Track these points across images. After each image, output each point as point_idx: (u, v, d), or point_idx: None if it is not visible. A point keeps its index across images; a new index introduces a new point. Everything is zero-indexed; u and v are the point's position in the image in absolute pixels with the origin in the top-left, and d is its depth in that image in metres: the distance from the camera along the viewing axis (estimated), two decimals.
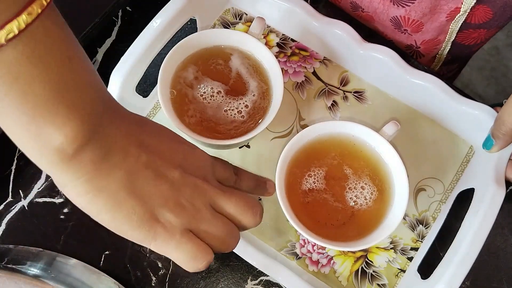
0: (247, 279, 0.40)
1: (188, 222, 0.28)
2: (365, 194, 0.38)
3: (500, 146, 0.38)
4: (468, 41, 0.49)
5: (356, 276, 0.39)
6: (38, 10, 0.22)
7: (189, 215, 0.29)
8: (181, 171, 0.29)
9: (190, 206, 0.29)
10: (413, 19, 0.46)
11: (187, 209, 0.29)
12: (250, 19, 0.46)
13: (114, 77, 0.39)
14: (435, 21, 0.47)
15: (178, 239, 0.28)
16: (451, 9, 0.44)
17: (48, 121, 0.23)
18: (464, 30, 0.47)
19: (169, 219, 0.28)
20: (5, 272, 0.38)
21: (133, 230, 0.27)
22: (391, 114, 0.44)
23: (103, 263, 0.40)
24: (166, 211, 0.28)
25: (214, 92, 0.39)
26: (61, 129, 0.23)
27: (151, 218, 0.27)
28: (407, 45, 0.51)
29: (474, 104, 0.40)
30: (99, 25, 0.43)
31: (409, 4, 0.45)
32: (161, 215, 0.28)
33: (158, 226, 0.28)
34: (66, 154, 0.24)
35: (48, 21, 0.22)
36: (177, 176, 0.29)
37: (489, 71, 1.17)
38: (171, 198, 0.28)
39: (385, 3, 0.46)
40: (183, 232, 0.28)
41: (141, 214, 0.27)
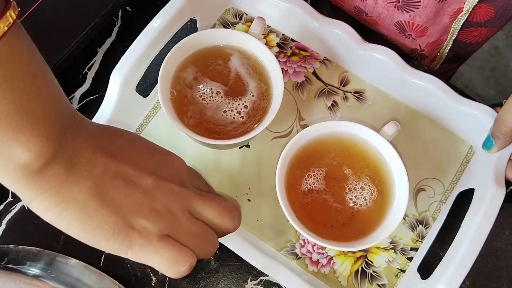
0: (247, 279, 0.40)
1: (165, 228, 0.28)
2: (365, 194, 0.38)
3: (499, 146, 0.38)
4: (469, 39, 0.49)
5: (356, 276, 0.39)
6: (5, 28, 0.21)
7: (165, 220, 0.28)
8: (155, 177, 0.29)
9: (166, 212, 0.28)
10: (418, 24, 0.46)
11: (163, 215, 0.28)
12: (250, 19, 0.46)
13: (114, 77, 0.39)
14: (438, 24, 0.47)
15: (155, 244, 0.27)
16: (454, 10, 0.44)
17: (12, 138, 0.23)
18: (466, 28, 0.47)
19: (144, 226, 0.27)
20: (5, 272, 0.38)
21: (107, 241, 0.27)
22: (391, 114, 0.44)
23: (103, 263, 0.40)
24: (140, 218, 0.27)
25: (213, 92, 0.39)
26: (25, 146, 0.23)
27: (125, 226, 0.27)
28: (411, 49, 0.51)
29: (474, 104, 0.40)
30: (99, 25, 0.43)
31: (413, 9, 0.45)
32: (136, 223, 0.27)
33: (133, 233, 0.27)
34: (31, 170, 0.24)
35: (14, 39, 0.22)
36: (151, 183, 0.28)
37: (489, 71, 1.17)
38: (145, 205, 0.28)
39: (390, 8, 0.46)
40: (161, 237, 0.28)
41: (114, 223, 0.26)
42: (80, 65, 0.45)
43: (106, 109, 0.39)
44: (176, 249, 0.28)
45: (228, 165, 0.42)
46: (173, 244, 0.28)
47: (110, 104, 0.39)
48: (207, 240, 0.30)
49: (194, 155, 0.42)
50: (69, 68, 0.43)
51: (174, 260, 0.28)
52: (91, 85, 0.45)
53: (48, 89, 0.24)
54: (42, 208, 0.25)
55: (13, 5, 0.22)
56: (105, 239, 0.27)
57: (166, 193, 0.29)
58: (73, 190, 0.26)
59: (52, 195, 0.25)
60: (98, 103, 0.40)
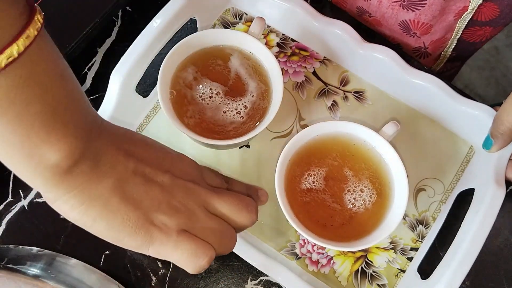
0: (247, 279, 0.40)
1: (183, 223, 0.28)
2: (364, 197, 0.38)
3: (499, 146, 0.38)
4: (473, 38, 0.49)
5: (356, 276, 0.39)
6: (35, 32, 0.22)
7: (183, 216, 0.28)
8: (171, 175, 0.29)
9: (184, 208, 0.29)
10: (423, 22, 0.46)
11: (180, 211, 0.29)
12: (250, 19, 0.46)
13: (114, 77, 0.39)
14: (443, 22, 0.47)
15: (175, 239, 0.28)
16: (459, 8, 0.44)
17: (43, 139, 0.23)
18: (470, 28, 0.47)
19: (164, 221, 0.28)
20: (5, 272, 0.38)
21: (130, 236, 0.27)
22: (391, 114, 0.44)
23: (103, 263, 0.40)
24: (160, 214, 0.28)
25: (213, 93, 0.39)
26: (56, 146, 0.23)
27: (146, 222, 0.27)
28: (415, 47, 0.51)
29: (474, 104, 0.40)
30: (99, 25, 0.43)
31: (419, 8, 0.45)
32: (155, 218, 0.28)
33: (154, 229, 0.27)
34: (60, 170, 0.24)
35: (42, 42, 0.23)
36: (167, 180, 0.29)
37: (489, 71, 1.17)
38: (163, 201, 0.28)
39: (394, 8, 0.46)
40: (180, 232, 0.28)
41: (135, 219, 0.27)
42: (80, 65, 0.45)
43: (106, 109, 0.39)
44: (195, 243, 0.28)
45: (228, 165, 0.42)
46: (192, 238, 0.28)
47: (110, 104, 0.39)
48: (226, 235, 0.30)
49: (194, 155, 0.42)
50: None
51: (194, 253, 0.28)
52: (91, 85, 0.45)
53: (74, 90, 0.25)
54: (68, 206, 0.26)
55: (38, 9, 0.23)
56: (128, 236, 0.27)
57: (182, 190, 0.29)
58: (98, 187, 0.26)
59: (78, 193, 0.25)
60: (98, 103, 0.40)
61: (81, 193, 0.25)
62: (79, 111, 0.25)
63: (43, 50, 0.23)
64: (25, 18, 0.22)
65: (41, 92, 0.22)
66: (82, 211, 0.26)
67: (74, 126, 0.24)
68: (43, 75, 0.23)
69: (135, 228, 0.27)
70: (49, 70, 0.23)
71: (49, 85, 0.23)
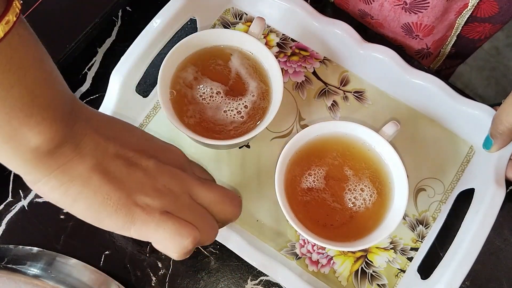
0: (247, 279, 0.40)
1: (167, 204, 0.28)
2: (364, 196, 0.38)
3: (499, 146, 0.38)
4: (472, 35, 0.49)
5: (356, 276, 0.39)
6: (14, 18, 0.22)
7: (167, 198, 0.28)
8: (156, 161, 0.29)
9: (167, 191, 0.28)
10: (426, 24, 0.46)
11: (164, 193, 0.28)
12: (250, 19, 0.46)
13: (114, 77, 0.39)
14: (445, 21, 0.47)
15: (158, 219, 0.27)
16: (460, 6, 0.44)
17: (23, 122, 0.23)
18: (470, 24, 0.47)
19: (147, 202, 0.27)
20: (5, 272, 0.38)
21: (110, 217, 0.27)
22: (391, 114, 0.44)
23: (103, 263, 0.40)
24: (142, 195, 0.27)
25: (213, 92, 0.39)
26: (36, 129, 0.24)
27: (127, 202, 0.27)
28: (418, 49, 0.51)
29: (474, 104, 0.40)
30: (99, 25, 0.43)
31: (422, 10, 0.45)
32: (138, 199, 0.27)
33: (136, 209, 0.27)
34: (41, 152, 0.24)
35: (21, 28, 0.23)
36: (152, 165, 0.29)
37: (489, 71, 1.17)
38: (147, 184, 0.28)
39: (397, 11, 0.46)
40: (162, 212, 0.28)
41: (117, 198, 0.27)
42: (80, 65, 0.45)
43: (106, 109, 0.39)
44: (178, 222, 0.28)
45: (228, 165, 0.42)
46: (175, 218, 0.28)
47: (110, 104, 0.39)
48: (208, 223, 0.30)
49: (194, 155, 0.42)
50: (69, 68, 0.43)
51: (177, 232, 0.27)
52: (91, 85, 0.45)
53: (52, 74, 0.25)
54: (48, 187, 0.26)
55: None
56: (108, 216, 0.27)
57: (167, 174, 0.29)
58: (78, 167, 0.26)
59: (59, 173, 0.26)
60: (98, 103, 0.40)
61: (61, 173, 0.26)
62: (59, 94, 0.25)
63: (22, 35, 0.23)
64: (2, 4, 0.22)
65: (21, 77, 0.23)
66: (62, 191, 0.26)
67: (54, 109, 0.24)
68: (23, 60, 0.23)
69: (115, 208, 0.27)
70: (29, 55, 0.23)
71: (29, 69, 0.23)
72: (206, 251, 0.40)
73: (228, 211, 0.31)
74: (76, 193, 0.26)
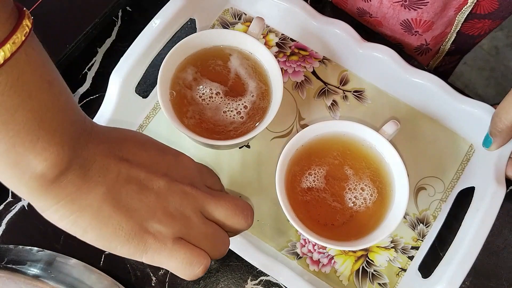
0: (247, 279, 0.40)
1: (178, 230, 0.28)
2: (365, 195, 0.38)
3: (498, 144, 0.38)
4: (472, 31, 0.49)
5: (357, 276, 0.39)
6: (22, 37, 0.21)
7: (179, 223, 0.28)
8: (167, 180, 0.29)
9: (180, 215, 0.28)
10: (425, 20, 0.46)
11: (176, 218, 0.28)
12: (249, 19, 0.46)
13: (114, 78, 0.39)
14: (444, 17, 0.46)
15: (170, 247, 0.27)
16: (460, 2, 0.44)
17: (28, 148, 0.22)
18: (469, 20, 0.47)
19: (159, 230, 0.27)
20: (5, 272, 0.38)
21: (122, 246, 0.27)
22: (391, 113, 0.44)
23: (103, 263, 0.40)
24: (154, 222, 0.27)
25: (213, 93, 0.39)
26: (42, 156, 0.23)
27: (140, 231, 0.27)
28: (417, 45, 0.51)
29: (474, 102, 0.40)
30: (99, 25, 0.43)
31: (421, 6, 0.45)
32: (150, 227, 0.27)
33: (148, 237, 0.27)
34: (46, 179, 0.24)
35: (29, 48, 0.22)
36: (163, 186, 0.28)
37: (489, 71, 1.16)
38: (158, 209, 0.28)
39: (396, 8, 0.46)
40: (175, 240, 0.28)
41: (129, 228, 0.26)
42: (80, 65, 0.45)
43: (106, 110, 0.39)
44: (190, 251, 0.28)
45: (228, 165, 0.42)
46: (188, 247, 0.28)
47: (110, 105, 0.39)
48: (220, 241, 0.30)
49: (194, 155, 0.41)
50: (69, 68, 0.43)
51: (189, 262, 0.28)
52: (91, 85, 0.45)
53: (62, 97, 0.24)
54: (58, 216, 0.25)
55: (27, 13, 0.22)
56: (120, 245, 0.27)
57: (178, 195, 0.29)
58: (88, 197, 0.25)
59: (67, 203, 0.25)
60: (98, 103, 0.40)
61: (70, 203, 0.25)
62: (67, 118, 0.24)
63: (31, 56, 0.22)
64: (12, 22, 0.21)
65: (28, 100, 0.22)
66: (72, 221, 0.25)
67: (61, 134, 0.24)
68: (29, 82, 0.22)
69: (127, 237, 0.26)
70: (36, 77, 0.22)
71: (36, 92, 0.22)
72: None
73: (240, 223, 0.31)
74: (87, 223, 0.26)
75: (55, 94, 0.24)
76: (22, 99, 0.22)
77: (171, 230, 0.28)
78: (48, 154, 0.23)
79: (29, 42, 0.22)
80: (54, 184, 0.24)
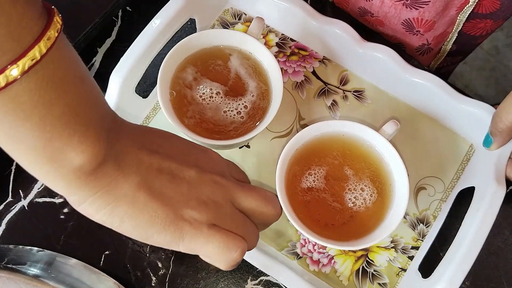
0: (247, 279, 0.40)
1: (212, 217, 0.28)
2: (365, 196, 0.38)
3: (498, 144, 0.38)
4: (474, 31, 0.49)
5: (357, 276, 0.39)
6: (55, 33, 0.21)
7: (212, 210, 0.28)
8: (198, 170, 0.29)
9: (212, 203, 0.29)
10: (427, 19, 0.46)
11: (209, 205, 0.28)
12: (249, 19, 0.46)
13: (114, 78, 0.39)
14: (446, 17, 0.46)
15: (206, 233, 0.27)
16: (461, 2, 0.44)
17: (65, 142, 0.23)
18: (471, 20, 0.47)
19: (193, 216, 0.28)
20: (5, 272, 0.38)
21: (159, 233, 0.27)
22: (391, 113, 0.44)
23: (103, 263, 0.40)
24: (189, 209, 0.28)
25: (213, 93, 0.39)
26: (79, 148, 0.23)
27: (175, 218, 0.27)
28: (418, 45, 0.51)
29: (474, 102, 0.40)
30: (99, 25, 0.43)
31: (423, 5, 0.45)
32: (185, 214, 0.27)
33: (184, 224, 0.27)
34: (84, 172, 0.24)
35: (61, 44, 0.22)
36: (194, 175, 0.29)
37: (489, 71, 1.16)
38: (192, 197, 0.28)
39: (397, 7, 0.46)
40: (210, 226, 0.28)
41: (164, 215, 0.27)
42: None
43: None
44: (226, 235, 0.28)
45: None
46: (223, 231, 0.28)
47: (110, 105, 0.39)
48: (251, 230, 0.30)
49: None
50: None
51: (226, 246, 0.28)
52: None
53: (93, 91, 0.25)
54: (94, 208, 0.25)
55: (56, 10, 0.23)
56: (157, 232, 0.27)
57: (209, 184, 0.29)
58: (123, 186, 0.26)
59: (104, 194, 0.25)
60: None
61: (106, 194, 0.25)
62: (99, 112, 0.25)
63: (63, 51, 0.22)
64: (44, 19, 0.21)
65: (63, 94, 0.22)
66: (108, 211, 0.26)
67: (96, 127, 0.24)
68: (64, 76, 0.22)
69: (164, 224, 0.27)
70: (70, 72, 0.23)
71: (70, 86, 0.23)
72: None
73: (270, 214, 0.31)
74: (123, 213, 0.26)
75: (87, 89, 0.24)
76: (58, 94, 0.22)
77: (205, 217, 0.28)
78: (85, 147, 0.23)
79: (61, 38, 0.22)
80: (91, 176, 0.24)
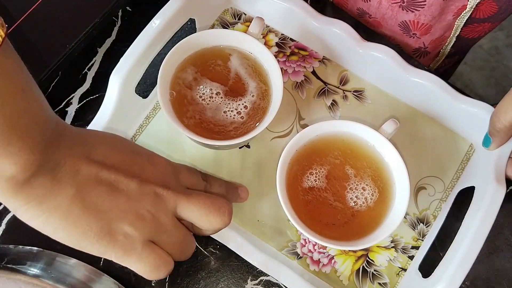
0: (247, 279, 0.40)
1: (148, 233, 0.29)
2: (366, 195, 0.38)
3: (497, 143, 0.38)
4: (472, 35, 0.49)
5: (357, 275, 0.39)
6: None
7: (149, 226, 0.29)
8: (138, 181, 0.29)
9: (151, 217, 0.29)
10: (423, 22, 0.46)
11: (147, 221, 0.29)
12: (249, 19, 0.46)
13: (114, 78, 0.39)
14: (442, 21, 0.47)
15: (139, 252, 0.28)
16: (458, 7, 0.44)
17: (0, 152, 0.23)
18: (469, 25, 0.47)
19: (129, 232, 0.28)
20: (5, 272, 0.38)
21: (92, 245, 0.28)
22: (391, 113, 0.44)
23: (103, 263, 0.40)
24: (125, 224, 0.28)
25: (213, 93, 0.39)
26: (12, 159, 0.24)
27: (109, 233, 0.27)
28: (415, 48, 0.51)
29: (474, 102, 0.40)
30: (99, 25, 0.43)
31: (419, 9, 0.45)
32: (120, 229, 0.28)
33: (117, 239, 0.28)
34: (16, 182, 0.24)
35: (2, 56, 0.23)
36: (134, 187, 0.29)
37: (489, 71, 1.17)
38: (130, 211, 0.28)
39: (394, 9, 0.46)
40: (144, 244, 0.28)
41: (98, 230, 0.27)
42: (80, 65, 0.45)
43: (105, 110, 0.39)
44: (158, 257, 0.29)
45: (228, 165, 0.42)
46: (156, 252, 0.29)
47: (110, 105, 0.39)
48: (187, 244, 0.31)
49: (194, 155, 0.42)
50: (69, 68, 0.43)
51: (156, 267, 0.29)
52: (91, 85, 0.45)
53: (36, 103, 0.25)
54: (28, 216, 0.26)
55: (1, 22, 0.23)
56: (90, 244, 0.28)
57: (149, 196, 0.29)
58: (57, 198, 0.26)
59: (37, 204, 0.26)
60: (98, 103, 0.40)
61: (39, 204, 0.26)
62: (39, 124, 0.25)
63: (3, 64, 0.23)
64: None
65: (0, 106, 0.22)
66: (42, 221, 0.26)
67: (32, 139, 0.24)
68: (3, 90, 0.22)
69: (97, 238, 0.27)
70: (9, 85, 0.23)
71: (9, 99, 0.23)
72: (206, 251, 0.40)
73: (215, 222, 0.32)
74: (56, 224, 0.26)
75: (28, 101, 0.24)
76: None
77: (141, 234, 0.28)
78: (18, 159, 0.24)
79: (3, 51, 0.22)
80: (24, 186, 0.25)
